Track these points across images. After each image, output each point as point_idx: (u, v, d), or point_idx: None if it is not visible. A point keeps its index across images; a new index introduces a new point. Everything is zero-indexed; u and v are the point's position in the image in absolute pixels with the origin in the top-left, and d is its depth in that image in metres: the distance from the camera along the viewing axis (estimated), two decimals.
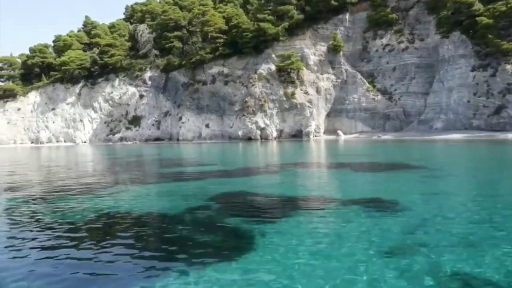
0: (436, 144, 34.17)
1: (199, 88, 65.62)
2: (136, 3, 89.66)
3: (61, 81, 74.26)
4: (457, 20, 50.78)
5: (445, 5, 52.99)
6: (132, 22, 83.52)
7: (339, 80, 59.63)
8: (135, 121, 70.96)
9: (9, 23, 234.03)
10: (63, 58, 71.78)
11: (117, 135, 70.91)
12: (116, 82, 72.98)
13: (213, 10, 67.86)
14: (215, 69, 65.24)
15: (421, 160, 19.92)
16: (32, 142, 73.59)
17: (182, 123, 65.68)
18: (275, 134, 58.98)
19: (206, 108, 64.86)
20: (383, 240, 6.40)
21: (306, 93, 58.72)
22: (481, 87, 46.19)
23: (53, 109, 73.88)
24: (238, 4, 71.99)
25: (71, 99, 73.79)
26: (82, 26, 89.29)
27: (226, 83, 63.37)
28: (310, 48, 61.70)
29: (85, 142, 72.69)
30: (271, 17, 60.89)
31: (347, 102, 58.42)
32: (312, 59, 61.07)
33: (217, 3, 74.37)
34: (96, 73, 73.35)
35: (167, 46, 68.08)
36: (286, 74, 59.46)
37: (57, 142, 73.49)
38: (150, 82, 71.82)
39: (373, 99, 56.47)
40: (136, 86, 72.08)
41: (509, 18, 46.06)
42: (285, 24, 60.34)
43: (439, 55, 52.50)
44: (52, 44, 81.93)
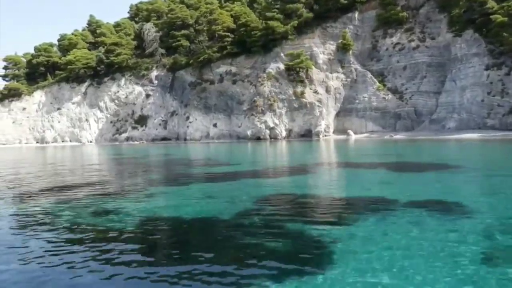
0: (456, 143, 33.57)
1: (207, 87, 64.99)
2: (141, 2, 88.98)
3: (67, 80, 73.66)
4: (470, 19, 50.22)
5: (457, 4, 52.43)
6: (137, 21, 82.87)
7: (349, 79, 59.03)
8: (142, 121, 70.34)
9: (11, 23, 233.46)
10: (69, 57, 71.18)
11: (124, 135, 70.29)
12: (122, 82, 72.37)
13: (220, 9, 67.16)
14: (223, 68, 64.61)
15: (456, 160, 19.33)
16: (38, 142, 72.99)
17: (190, 123, 65.06)
18: (284, 134, 58.37)
19: (214, 108, 64.24)
20: (471, 245, 5.86)
21: (316, 92, 58.11)
22: (496, 86, 45.59)
23: (59, 109, 73.28)
24: (245, 3, 71.38)
25: (77, 99, 73.19)
26: (87, 25, 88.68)
27: (234, 82, 62.74)
28: (319, 47, 61.09)
29: (91, 142, 72.09)
30: (280, 16, 60.26)
31: (357, 102, 57.82)
32: (321, 58, 60.46)
33: (224, 2, 73.73)
34: (102, 72, 72.76)
35: (174, 45, 67.43)
36: (295, 73, 58.83)
37: (63, 142, 72.90)
38: (157, 81, 71.22)
39: (384, 98, 55.86)
40: (143, 86, 71.48)
41: None
42: (294, 23, 59.73)
43: (451, 54, 51.89)
44: (57, 43, 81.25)
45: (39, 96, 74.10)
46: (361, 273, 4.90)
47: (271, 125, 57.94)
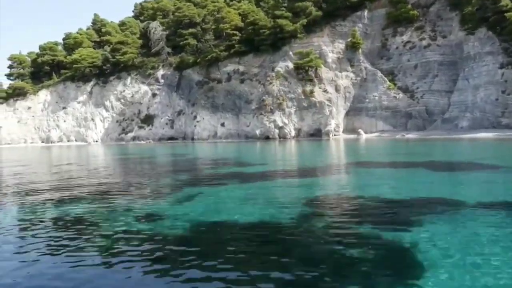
0: (475, 143, 32.92)
1: (214, 87, 64.35)
2: (146, 1, 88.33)
3: (72, 80, 73.04)
4: (483, 17, 49.53)
5: (469, 2, 51.73)
6: (142, 20, 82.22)
7: (358, 78, 58.35)
8: (148, 120, 69.71)
9: (13, 22, 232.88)
10: (74, 56, 70.55)
11: (130, 134, 69.66)
12: (128, 81, 71.75)
13: (228, 7, 66.50)
14: (230, 67, 63.95)
15: (488, 158, 18.70)
16: (43, 142, 72.41)
17: (197, 122, 64.43)
18: (293, 133, 57.74)
19: (221, 107, 63.59)
20: None
21: (325, 91, 57.45)
22: (510, 85, 44.94)
23: (64, 108, 72.66)
24: (252, 1, 70.74)
25: (82, 98, 72.58)
26: (91, 24, 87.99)
27: (242, 81, 62.09)
28: (328, 46, 60.43)
29: (97, 142, 71.48)
30: (289, 14, 59.60)
31: (367, 101, 57.16)
32: (331, 57, 59.79)
33: (230, 0, 73.04)
34: (108, 71, 72.13)
35: (182, 44, 66.77)
36: (304, 72, 58.18)
37: (68, 142, 72.30)
38: (163, 81, 70.57)
39: (395, 97, 55.20)
40: (149, 85, 70.84)
41: None
42: (303, 21, 59.06)
43: (464, 52, 51.23)
44: (62, 42, 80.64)
45: (44, 95, 73.48)
46: (461, 280, 4.34)
47: (280, 125, 57.30)
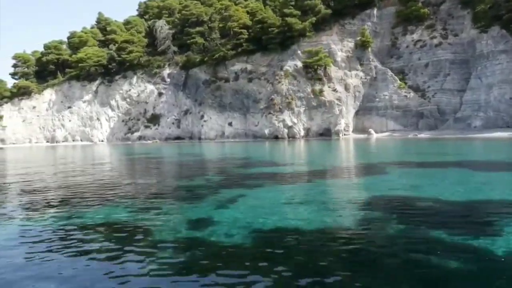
0: (494, 142, 32.24)
1: (222, 86, 63.69)
2: (150, 0, 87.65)
3: (77, 79, 72.36)
4: (496, 15, 48.89)
5: (481, 0, 51.09)
6: (147, 19, 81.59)
7: (368, 77, 57.75)
8: (154, 120, 69.04)
9: (13, 22, 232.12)
10: (80, 55, 69.87)
11: (136, 134, 69.00)
12: (134, 80, 71.09)
13: (235, 5, 65.79)
14: (238, 66, 63.30)
15: None
16: (48, 141, 71.73)
17: (204, 122, 63.76)
18: (303, 133, 57.10)
19: (229, 106, 62.94)
20: None
21: (335, 91, 56.82)
22: None
23: (69, 107, 71.99)
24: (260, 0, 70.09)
25: (88, 97, 71.90)
26: (96, 23, 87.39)
27: (250, 80, 61.42)
28: (337, 44, 59.80)
29: (102, 141, 70.82)
30: (297, 12, 58.95)
31: (377, 100, 56.52)
32: (340, 56, 59.18)
33: None
34: (113, 70, 71.44)
35: (189, 42, 66.09)
36: (313, 71, 57.58)
37: (73, 141, 71.64)
38: (169, 80, 69.93)
39: (405, 97, 54.56)
40: (155, 84, 70.20)
41: None
42: (312, 19, 58.42)
43: (476, 51, 50.57)
44: (67, 41, 79.95)
45: (49, 95, 72.78)
46: None
47: (290, 124, 56.66)
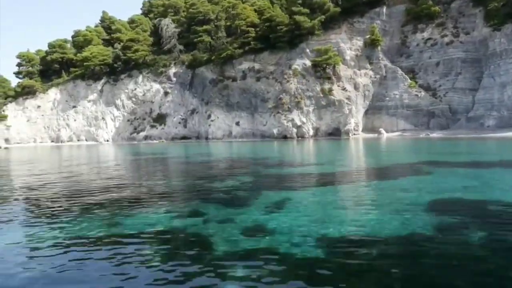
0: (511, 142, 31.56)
1: (229, 85, 62.95)
2: None
3: (82, 78, 71.68)
4: (509, 12, 48.22)
5: None
6: (151, 18, 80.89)
7: (378, 76, 57.03)
8: (160, 119, 68.33)
9: (13, 22, 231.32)
10: (85, 54, 69.17)
11: (142, 134, 68.29)
12: (140, 79, 70.39)
13: (242, 3, 65.03)
14: (245, 65, 62.57)
15: None
16: (53, 141, 71.05)
17: (211, 121, 63.02)
18: (312, 132, 56.39)
19: (236, 105, 62.20)
20: None
21: (344, 90, 56.11)
22: None
23: (74, 107, 71.30)
24: None
25: (93, 96, 71.20)
26: (100, 22, 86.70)
27: (258, 79, 60.68)
28: (346, 43, 59.08)
29: (108, 141, 70.13)
30: (306, 10, 58.23)
31: (388, 99, 55.81)
32: (349, 54, 58.47)
33: None
34: (119, 69, 70.73)
35: (196, 41, 65.38)
36: (322, 70, 56.88)
37: (78, 141, 70.96)
38: (175, 79, 69.23)
39: (416, 96, 53.84)
40: (161, 83, 69.51)
41: None
42: (321, 18, 57.68)
43: (489, 49, 49.85)
44: (71, 40, 79.24)
45: (54, 94, 72.10)
46: None
47: (298, 124, 55.93)
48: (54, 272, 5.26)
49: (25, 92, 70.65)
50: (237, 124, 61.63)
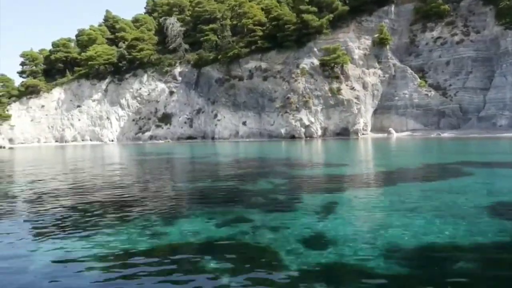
0: None
1: (235, 84, 62.32)
2: None
3: (87, 77, 70.99)
4: None
5: None
6: (156, 17, 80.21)
7: (387, 75, 56.45)
8: (166, 119, 67.67)
9: (17, 22, 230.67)
10: (89, 53, 68.48)
11: (147, 134, 67.64)
12: (145, 78, 69.74)
13: (249, 2, 64.36)
14: (252, 64, 61.96)
15: None
16: (57, 141, 70.36)
17: (218, 121, 62.38)
18: (320, 132, 55.79)
19: (243, 105, 61.58)
20: None
21: (353, 89, 55.52)
22: None
23: (79, 106, 70.62)
24: None
25: (97, 96, 70.55)
26: (103, 21, 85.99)
27: (265, 79, 60.05)
28: (354, 42, 58.49)
29: (112, 141, 69.48)
30: (314, 9, 57.61)
31: (397, 98, 55.22)
32: (357, 53, 57.87)
33: None
34: (124, 69, 70.05)
35: (203, 39, 64.72)
36: (330, 69, 56.30)
37: (83, 141, 70.28)
38: (180, 78, 68.57)
39: (426, 95, 53.24)
40: (166, 82, 68.86)
41: None
42: (330, 16, 57.09)
43: (500, 48, 49.32)
44: (75, 39, 78.55)
45: (58, 93, 71.40)
46: None
47: (307, 123, 55.32)
48: None
49: (29, 92, 69.96)
50: (244, 124, 61.01)
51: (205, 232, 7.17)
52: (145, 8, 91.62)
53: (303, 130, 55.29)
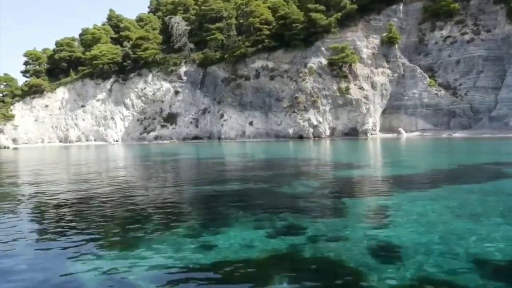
0: None
1: (242, 84, 61.65)
2: None
3: (91, 77, 70.31)
4: None
5: None
6: (159, 16, 79.49)
7: (396, 75, 55.80)
8: (171, 119, 66.98)
9: (17, 22, 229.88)
10: (94, 52, 67.77)
11: (152, 134, 66.94)
12: (149, 78, 69.06)
13: (256, 0, 63.66)
14: (259, 63, 61.31)
15: None
16: (61, 141, 69.66)
17: (224, 121, 61.70)
18: (328, 132, 55.14)
19: (250, 105, 60.91)
20: None
21: (361, 88, 54.88)
22: None
23: (83, 106, 69.92)
24: None
25: (102, 96, 69.85)
26: (107, 20, 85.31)
27: (272, 78, 59.38)
28: (363, 41, 57.85)
29: (117, 141, 68.77)
30: (322, 7, 56.95)
31: (406, 98, 54.57)
32: (365, 52, 57.23)
33: None
34: (128, 68, 69.35)
35: (209, 38, 64.04)
36: (338, 68, 55.67)
37: (87, 141, 69.58)
38: (186, 78, 67.89)
39: (436, 95, 52.59)
40: (171, 82, 68.17)
41: None
42: (338, 15, 56.45)
43: None
44: (79, 38, 77.84)
45: (62, 93, 70.69)
46: None
47: (315, 123, 54.66)
48: None
49: (33, 91, 69.27)
50: (251, 124, 60.34)
51: (258, 244, 6.47)
52: (149, 7, 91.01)
53: (311, 130, 54.64)
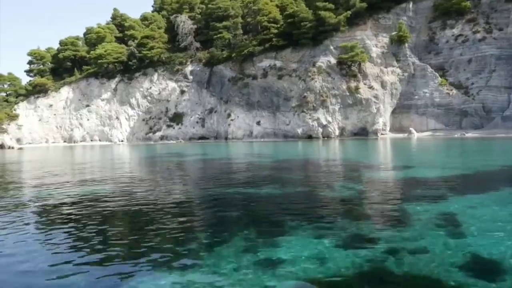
0: None
1: (249, 83, 60.81)
2: None
3: (96, 76, 69.54)
4: None
5: None
6: (164, 15, 78.67)
7: (406, 74, 54.98)
8: (177, 119, 66.20)
9: (18, 22, 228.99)
10: (99, 51, 66.97)
11: (158, 134, 66.15)
12: (155, 77, 68.27)
13: None
14: (266, 62, 60.49)
15: None
16: (65, 141, 68.91)
17: (231, 121, 60.89)
18: (337, 132, 54.37)
19: (257, 104, 60.10)
20: None
21: (371, 88, 54.08)
22: None
23: (87, 106, 69.14)
24: None
25: (107, 95, 69.06)
26: (111, 19, 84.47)
27: (280, 77, 58.57)
28: (372, 40, 57.02)
29: (122, 141, 67.97)
30: (331, 6, 56.15)
31: (417, 97, 53.79)
32: (375, 51, 56.39)
33: None
34: (133, 67, 68.55)
35: (216, 37, 63.22)
36: (347, 67, 54.89)
37: (92, 141, 68.80)
38: (192, 77, 67.07)
39: (448, 94, 51.80)
40: (177, 81, 67.37)
41: None
42: (347, 13, 55.61)
43: None
44: (83, 37, 77.05)
45: (66, 93, 69.92)
46: None
47: (324, 123, 53.88)
48: None
49: (37, 91, 68.52)
50: (258, 124, 59.55)
51: (328, 258, 5.74)
52: (153, 6, 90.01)
53: (321, 130, 53.87)
